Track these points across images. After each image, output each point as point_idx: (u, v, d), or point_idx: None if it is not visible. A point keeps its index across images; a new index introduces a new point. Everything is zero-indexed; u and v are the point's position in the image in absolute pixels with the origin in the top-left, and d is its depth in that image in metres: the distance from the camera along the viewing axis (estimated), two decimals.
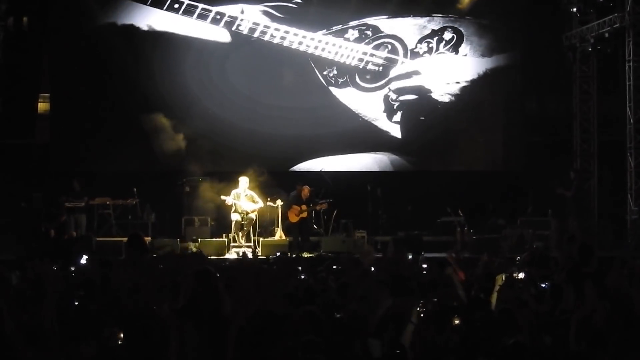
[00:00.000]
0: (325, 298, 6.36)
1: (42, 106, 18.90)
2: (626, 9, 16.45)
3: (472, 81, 18.16)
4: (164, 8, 16.97)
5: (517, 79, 18.92)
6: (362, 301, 5.82)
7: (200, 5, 16.86)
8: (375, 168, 18.65)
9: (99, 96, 17.85)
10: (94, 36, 17.82)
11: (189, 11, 16.74)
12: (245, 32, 17.11)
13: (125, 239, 14.31)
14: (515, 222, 16.78)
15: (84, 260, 10.13)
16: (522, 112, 19.46)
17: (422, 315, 5.03)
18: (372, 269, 8.08)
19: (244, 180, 16.04)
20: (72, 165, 17.62)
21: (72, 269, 8.75)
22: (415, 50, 17.53)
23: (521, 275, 6.27)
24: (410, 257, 10.51)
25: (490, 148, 19.16)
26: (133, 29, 17.98)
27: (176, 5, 16.83)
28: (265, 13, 16.95)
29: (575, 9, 17.97)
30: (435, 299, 5.90)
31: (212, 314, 4.61)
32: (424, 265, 9.44)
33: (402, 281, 6.15)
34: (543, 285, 6.49)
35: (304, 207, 16.12)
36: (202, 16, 16.82)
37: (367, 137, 17.98)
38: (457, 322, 4.96)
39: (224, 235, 16.18)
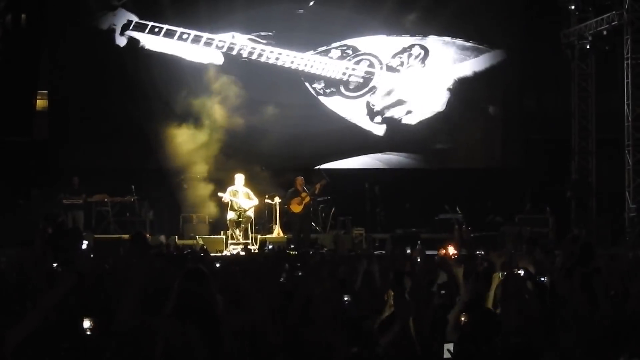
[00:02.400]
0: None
1: (40, 103, 18.88)
2: (624, 6, 16.47)
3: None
4: (175, 38, 18.17)
5: (516, 77, 18.97)
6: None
7: (206, 35, 18.27)
8: (373, 166, 18.72)
9: (96, 93, 17.83)
10: (92, 33, 17.81)
11: (196, 40, 18.23)
12: (244, 55, 18.47)
13: (123, 236, 14.49)
14: (513, 219, 16.80)
15: (84, 246, 10.03)
16: (520, 109, 19.48)
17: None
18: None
19: (240, 178, 16.01)
20: (70, 162, 17.59)
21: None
22: (389, 64, 19.07)
23: (521, 272, 6.23)
24: (408, 251, 10.51)
25: (488, 145, 19.20)
26: (131, 26, 18.02)
27: (185, 36, 18.20)
28: (252, 40, 18.58)
29: (573, 7, 18.01)
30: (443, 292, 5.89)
31: (204, 315, 4.47)
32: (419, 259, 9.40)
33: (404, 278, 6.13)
34: (543, 279, 6.47)
35: (303, 194, 16.04)
36: (208, 44, 18.31)
37: (354, 137, 18.85)
38: (463, 319, 4.93)
39: (222, 232, 16.18)
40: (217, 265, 8.32)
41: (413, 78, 19.00)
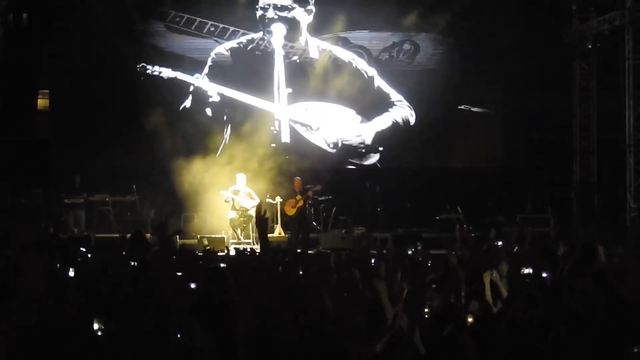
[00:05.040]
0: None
1: (42, 102, 18.91)
2: (626, 6, 16.46)
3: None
4: (204, 32, 18.64)
5: (517, 76, 18.95)
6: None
7: (210, 22, 18.57)
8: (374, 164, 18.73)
9: (98, 93, 17.82)
10: (94, 32, 17.81)
11: (200, 28, 18.61)
12: (243, 43, 18.71)
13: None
14: (515, 219, 16.78)
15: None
16: (521, 109, 19.46)
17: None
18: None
19: (241, 177, 16.01)
20: (72, 162, 17.60)
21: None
22: (378, 57, 19.23)
23: (527, 271, 6.19)
24: (410, 252, 10.50)
25: (489, 145, 19.20)
26: (133, 25, 18.06)
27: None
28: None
29: (575, 7, 17.99)
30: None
31: (224, 315, 4.48)
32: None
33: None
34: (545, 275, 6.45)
35: (298, 197, 16.05)
36: (212, 32, 18.69)
37: None
38: (470, 319, 4.88)
39: (223, 231, 16.17)
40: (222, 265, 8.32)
41: (402, 74, 19.07)
